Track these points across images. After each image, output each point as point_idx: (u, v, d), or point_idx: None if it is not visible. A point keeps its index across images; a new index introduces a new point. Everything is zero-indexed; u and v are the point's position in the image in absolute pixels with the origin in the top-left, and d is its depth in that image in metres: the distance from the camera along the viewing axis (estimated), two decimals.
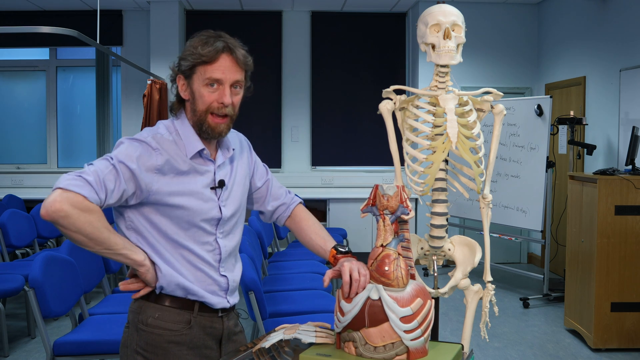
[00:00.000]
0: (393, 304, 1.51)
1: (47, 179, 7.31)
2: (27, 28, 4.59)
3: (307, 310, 3.44)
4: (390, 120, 2.60)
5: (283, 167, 7.44)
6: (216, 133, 1.69)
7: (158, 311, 1.69)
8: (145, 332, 1.69)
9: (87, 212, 1.49)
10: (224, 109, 1.67)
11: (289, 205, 1.97)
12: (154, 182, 1.62)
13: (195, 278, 1.71)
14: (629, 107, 5.18)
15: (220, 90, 1.66)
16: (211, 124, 1.67)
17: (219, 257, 1.75)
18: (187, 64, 1.66)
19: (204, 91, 1.66)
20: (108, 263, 3.79)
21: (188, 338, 1.71)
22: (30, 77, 7.64)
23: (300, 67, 7.48)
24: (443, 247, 2.57)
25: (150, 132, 1.68)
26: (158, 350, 1.68)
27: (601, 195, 4.11)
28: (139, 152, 1.61)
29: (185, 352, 1.70)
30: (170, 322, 1.69)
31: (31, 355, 4.11)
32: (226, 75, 1.65)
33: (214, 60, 1.64)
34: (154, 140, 1.64)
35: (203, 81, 1.65)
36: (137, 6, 7.18)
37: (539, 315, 5.14)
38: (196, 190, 1.68)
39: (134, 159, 1.59)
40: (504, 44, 7.12)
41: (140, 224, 1.66)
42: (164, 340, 1.69)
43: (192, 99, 1.68)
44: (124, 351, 1.73)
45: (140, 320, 1.70)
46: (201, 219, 1.69)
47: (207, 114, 1.67)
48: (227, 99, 1.66)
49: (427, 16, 2.46)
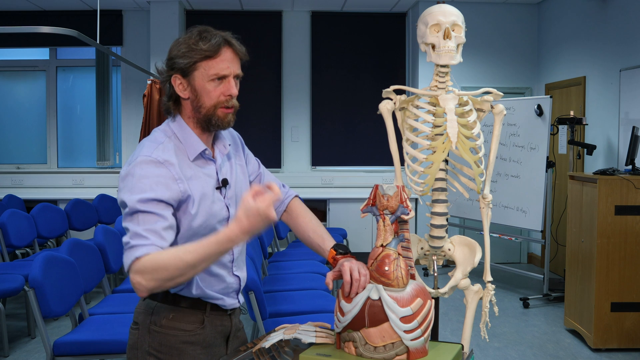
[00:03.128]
0: (393, 304, 1.51)
1: (47, 179, 7.32)
2: (27, 28, 4.59)
3: (307, 310, 3.44)
4: (390, 120, 2.60)
5: (283, 167, 7.44)
6: (225, 123, 1.68)
7: (172, 312, 1.68)
8: (159, 333, 1.67)
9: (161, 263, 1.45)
10: (232, 100, 1.66)
11: (284, 200, 1.92)
12: (183, 185, 1.59)
13: (209, 283, 1.70)
14: (629, 107, 5.18)
15: (226, 83, 1.65)
16: (220, 115, 1.66)
17: (231, 257, 1.75)
18: (186, 61, 1.62)
19: (209, 86, 1.63)
20: (108, 263, 3.79)
21: (202, 337, 1.71)
22: (30, 77, 7.63)
23: (300, 67, 7.48)
24: (443, 247, 2.57)
25: (151, 144, 1.63)
26: (172, 351, 1.67)
27: (601, 195, 4.11)
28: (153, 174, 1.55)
29: (199, 351, 1.70)
30: (184, 323, 1.68)
31: (31, 355, 4.11)
32: (230, 69, 1.65)
33: (216, 54, 1.62)
34: (159, 151, 1.60)
35: (208, 77, 1.62)
36: (137, 6, 7.18)
37: (539, 315, 5.14)
38: (205, 193, 1.66)
39: (154, 186, 1.53)
40: (504, 44, 7.12)
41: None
42: (178, 340, 1.67)
43: (194, 96, 1.65)
44: (134, 353, 1.70)
45: (152, 322, 1.68)
46: (216, 220, 1.67)
47: (216, 108, 1.65)
48: (235, 91, 1.66)
49: (427, 16, 2.46)
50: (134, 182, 1.53)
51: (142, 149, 1.61)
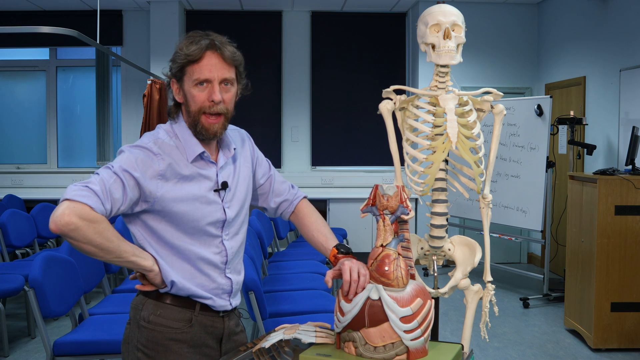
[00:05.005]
0: (393, 304, 1.51)
1: (47, 179, 7.32)
2: (27, 28, 4.59)
3: (307, 310, 3.44)
4: (390, 120, 2.60)
5: (283, 167, 7.44)
6: (211, 134, 1.67)
7: (160, 308, 1.69)
8: (146, 329, 1.69)
9: (95, 222, 1.48)
10: (216, 106, 1.65)
11: (292, 201, 1.98)
12: (158, 188, 1.62)
13: (200, 282, 1.71)
14: (629, 107, 5.18)
15: (210, 88, 1.65)
16: (205, 124, 1.66)
17: (225, 259, 1.75)
18: (176, 66, 1.65)
19: (194, 91, 1.65)
20: (108, 263, 3.79)
21: (189, 336, 1.71)
22: (30, 77, 7.63)
23: (300, 67, 7.48)
24: (443, 247, 2.57)
25: (151, 137, 1.68)
26: (159, 347, 1.69)
27: (601, 195, 4.11)
28: (141, 159, 1.60)
29: (185, 349, 1.71)
30: (171, 320, 1.70)
31: (31, 355, 4.11)
32: (213, 73, 1.64)
33: (199, 58, 1.62)
34: (155, 146, 1.64)
35: (192, 81, 1.64)
36: (137, 6, 7.18)
37: (539, 315, 5.14)
38: (200, 195, 1.68)
39: (137, 167, 1.58)
40: (504, 44, 7.12)
41: (143, 233, 1.66)
42: (164, 337, 1.69)
43: (185, 101, 1.68)
44: (126, 347, 1.73)
45: (141, 317, 1.70)
46: (206, 222, 1.69)
47: (200, 114, 1.66)
48: (217, 96, 1.64)
49: (427, 16, 2.46)
50: (124, 157, 1.60)
51: (142, 139, 1.68)
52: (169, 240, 1.66)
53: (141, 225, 1.66)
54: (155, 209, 1.63)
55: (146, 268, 1.63)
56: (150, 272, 1.64)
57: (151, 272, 1.64)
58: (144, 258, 1.62)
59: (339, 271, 1.63)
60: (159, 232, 1.65)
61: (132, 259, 1.59)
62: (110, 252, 1.53)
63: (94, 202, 1.48)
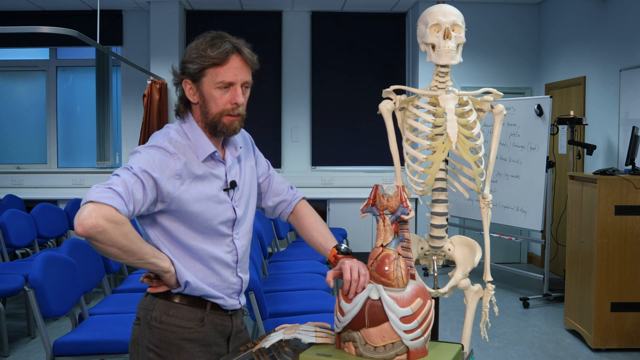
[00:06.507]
0: (393, 304, 1.51)
1: (47, 179, 7.32)
2: (27, 28, 4.59)
3: (307, 310, 3.44)
4: (390, 120, 2.60)
5: (283, 167, 7.44)
6: (231, 130, 1.70)
7: (172, 308, 1.69)
8: (158, 329, 1.69)
9: (121, 224, 1.46)
10: (238, 109, 1.68)
11: (291, 202, 1.98)
12: (176, 188, 1.61)
13: (212, 282, 1.72)
14: (629, 107, 5.18)
15: (232, 91, 1.67)
16: (226, 123, 1.68)
17: (236, 258, 1.77)
18: (195, 67, 1.65)
19: (216, 94, 1.66)
20: (108, 263, 3.79)
21: (201, 335, 1.72)
22: (30, 77, 7.63)
23: (300, 67, 7.48)
24: (443, 247, 2.57)
25: (164, 137, 1.67)
26: (171, 347, 1.69)
27: (601, 195, 4.11)
28: (158, 159, 1.59)
29: (197, 349, 1.71)
30: (184, 320, 1.70)
31: (31, 355, 4.11)
32: (237, 77, 1.66)
33: (224, 62, 1.64)
34: (171, 145, 1.64)
35: (215, 84, 1.65)
36: (137, 6, 7.17)
37: (539, 315, 5.14)
38: (212, 194, 1.69)
39: (155, 167, 1.57)
40: (504, 44, 7.12)
41: (158, 234, 1.66)
42: (177, 337, 1.69)
43: (202, 102, 1.68)
44: (135, 348, 1.73)
45: (152, 317, 1.70)
46: (218, 221, 1.69)
47: (222, 116, 1.67)
48: (241, 99, 1.67)
49: (427, 16, 2.46)
50: (141, 157, 1.59)
51: (155, 139, 1.67)
52: (182, 240, 1.66)
53: (156, 225, 1.66)
54: (170, 209, 1.63)
55: (164, 269, 1.62)
56: (167, 272, 1.63)
57: (168, 273, 1.64)
58: (162, 259, 1.62)
59: (339, 271, 1.63)
60: (173, 232, 1.65)
61: (152, 260, 1.58)
62: (133, 253, 1.52)
63: (118, 203, 1.46)
